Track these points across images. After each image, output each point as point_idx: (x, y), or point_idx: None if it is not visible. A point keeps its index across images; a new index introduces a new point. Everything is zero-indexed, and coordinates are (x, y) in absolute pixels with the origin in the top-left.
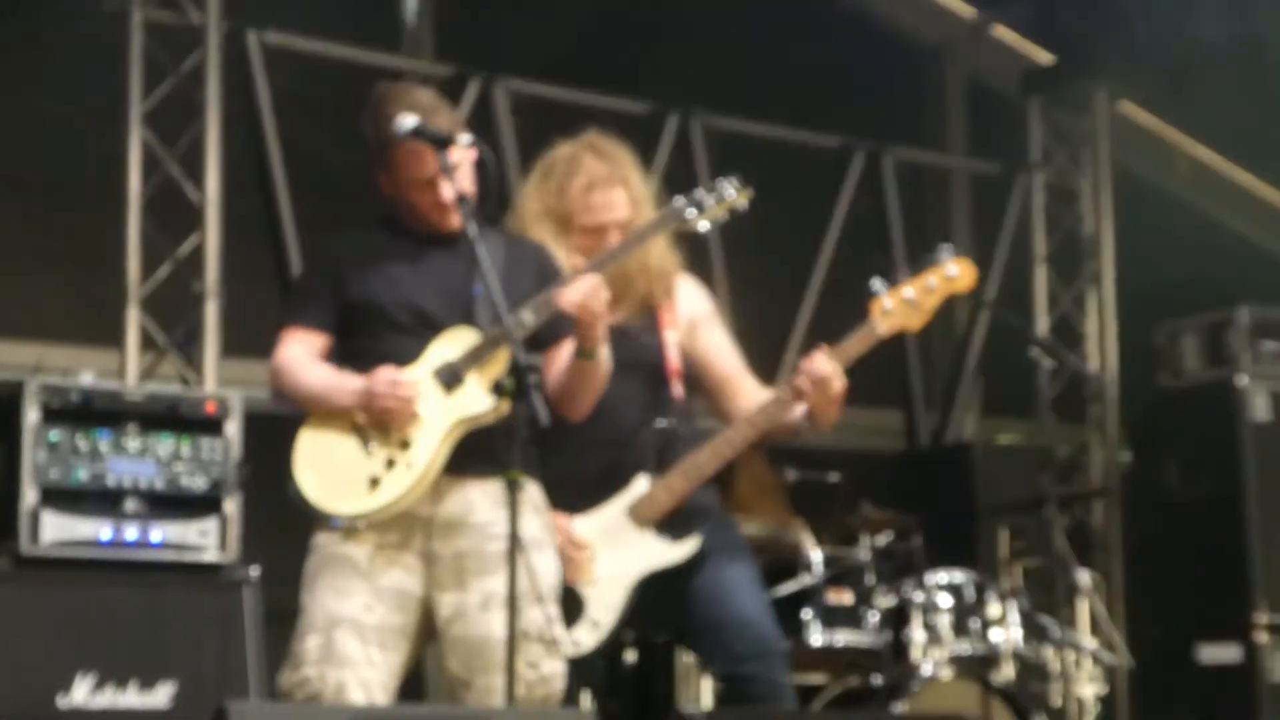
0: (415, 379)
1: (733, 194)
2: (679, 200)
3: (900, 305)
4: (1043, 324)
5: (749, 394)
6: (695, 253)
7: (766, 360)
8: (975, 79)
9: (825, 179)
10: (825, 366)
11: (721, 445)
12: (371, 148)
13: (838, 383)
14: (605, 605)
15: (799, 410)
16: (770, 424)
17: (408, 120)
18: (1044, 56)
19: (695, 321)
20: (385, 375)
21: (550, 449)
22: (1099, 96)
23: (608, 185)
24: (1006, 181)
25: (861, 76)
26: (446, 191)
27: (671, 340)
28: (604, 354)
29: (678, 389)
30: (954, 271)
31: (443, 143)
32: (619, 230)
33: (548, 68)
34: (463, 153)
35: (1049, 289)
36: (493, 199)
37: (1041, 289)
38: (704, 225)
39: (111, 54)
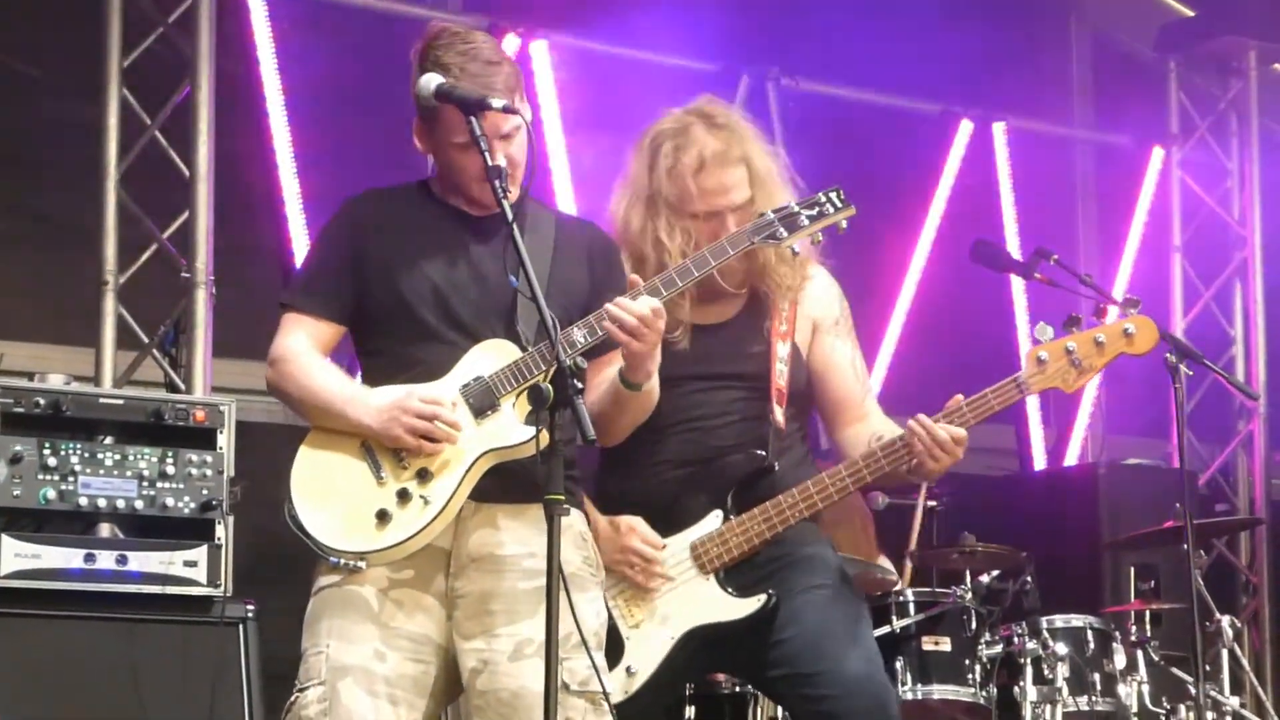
0: (453, 404)
1: (833, 211)
2: (767, 215)
3: (1058, 360)
4: (1179, 324)
5: (867, 424)
6: None
7: None
8: (1101, 35)
9: (925, 151)
10: (951, 432)
11: (813, 493)
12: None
13: (961, 450)
14: (644, 654)
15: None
16: (875, 478)
17: (431, 80)
18: (1183, 9)
19: (817, 326)
20: (425, 394)
21: (622, 465)
22: (1248, 56)
23: (722, 163)
24: (1138, 156)
25: (968, 32)
26: (479, 163)
27: (782, 353)
28: (653, 385)
29: (778, 413)
30: (1131, 329)
31: (472, 107)
32: (736, 216)
33: (592, 21)
34: (501, 118)
35: (1187, 282)
36: (529, 170)
37: (1178, 282)
38: (796, 245)
39: (87, 1)
